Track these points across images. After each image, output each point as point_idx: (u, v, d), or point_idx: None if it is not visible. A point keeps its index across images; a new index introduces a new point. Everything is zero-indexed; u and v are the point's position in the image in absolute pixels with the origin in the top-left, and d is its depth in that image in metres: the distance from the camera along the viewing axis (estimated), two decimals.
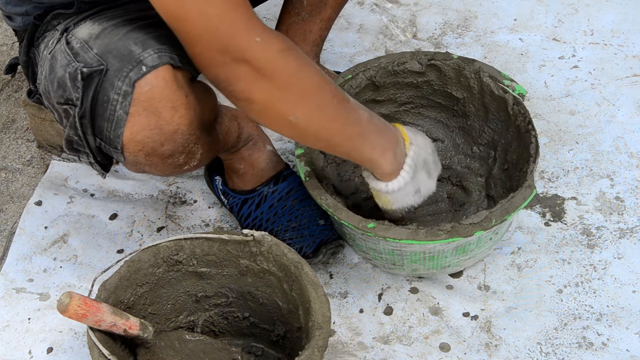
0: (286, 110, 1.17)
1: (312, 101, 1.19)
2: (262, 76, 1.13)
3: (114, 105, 1.17)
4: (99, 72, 1.18)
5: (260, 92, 1.14)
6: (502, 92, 1.50)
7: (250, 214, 1.55)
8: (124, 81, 1.17)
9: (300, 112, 1.18)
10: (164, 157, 1.23)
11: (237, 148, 1.52)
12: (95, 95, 1.18)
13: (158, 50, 1.19)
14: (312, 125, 1.21)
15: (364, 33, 1.98)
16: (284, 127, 1.21)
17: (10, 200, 1.72)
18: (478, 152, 1.59)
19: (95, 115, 1.20)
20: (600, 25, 1.94)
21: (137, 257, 1.32)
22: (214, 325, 1.41)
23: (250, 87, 1.14)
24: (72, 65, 1.20)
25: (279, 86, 1.15)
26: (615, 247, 1.53)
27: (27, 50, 1.37)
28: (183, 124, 1.20)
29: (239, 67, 1.12)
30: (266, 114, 1.18)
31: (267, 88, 1.14)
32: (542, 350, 1.40)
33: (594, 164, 1.67)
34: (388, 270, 1.51)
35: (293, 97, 1.17)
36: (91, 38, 1.22)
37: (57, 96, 1.23)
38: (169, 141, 1.21)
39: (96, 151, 1.25)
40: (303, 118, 1.18)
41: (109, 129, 1.19)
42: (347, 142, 1.26)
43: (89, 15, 1.28)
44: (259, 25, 1.14)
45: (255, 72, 1.12)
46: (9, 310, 1.51)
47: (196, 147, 1.26)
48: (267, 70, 1.13)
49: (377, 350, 1.42)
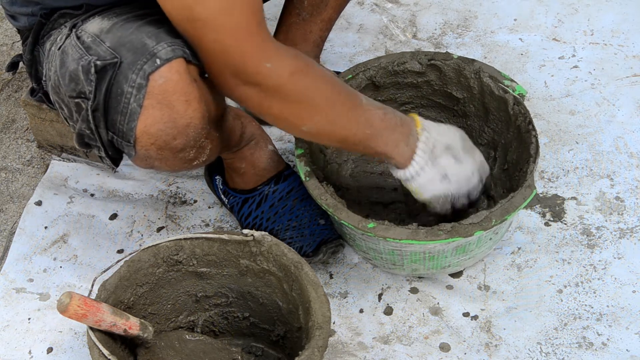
0: (297, 123, 1.27)
1: (323, 116, 1.27)
2: (271, 96, 1.22)
3: (127, 98, 1.17)
4: (113, 65, 1.18)
5: (271, 109, 1.24)
6: (502, 92, 1.50)
7: (250, 213, 1.55)
8: (138, 74, 1.16)
9: (312, 124, 1.27)
10: (175, 151, 1.23)
11: (239, 147, 1.52)
12: (109, 88, 1.18)
13: (171, 44, 1.19)
14: (324, 133, 1.29)
15: (364, 33, 1.98)
16: (298, 134, 1.36)
17: (10, 200, 1.72)
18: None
19: (108, 108, 1.19)
20: (600, 25, 1.94)
21: (137, 257, 1.32)
22: (214, 325, 1.41)
23: (261, 106, 1.23)
24: (84, 58, 1.20)
25: (288, 105, 1.24)
26: (615, 247, 1.53)
27: (32, 48, 1.37)
28: (196, 118, 1.21)
29: (250, 90, 1.21)
30: (279, 125, 1.29)
31: (277, 106, 1.23)
32: (542, 350, 1.40)
33: (594, 164, 1.67)
34: (388, 270, 1.51)
35: (303, 113, 1.26)
36: (102, 32, 1.22)
37: (69, 90, 1.22)
38: (182, 135, 1.21)
39: (108, 145, 1.24)
40: (315, 128, 1.27)
41: (122, 122, 1.19)
42: (360, 143, 1.31)
43: (97, 12, 1.28)
44: (271, 49, 1.20)
45: (264, 94, 1.21)
46: (9, 310, 1.51)
47: (206, 142, 1.27)
48: (277, 93, 1.22)
49: (377, 350, 1.42)
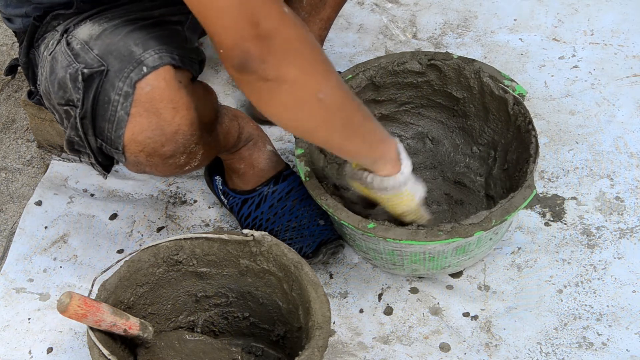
0: (315, 86, 1.11)
1: (334, 76, 1.14)
2: (292, 48, 1.07)
3: (114, 106, 1.17)
4: (100, 72, 1.18)
5: (292, 67, 1.07)
6: (502, 92, 1.50)
7: (250, 213, 1.55)
8: (124, 82, 1.17)
9: (328, 88, 1.12)
10: (165, 157, 1.23)
11: (237, 148, 1.52)
12: (96, 96, 1.18)
13: (159, 51, 1.18)
14: (337, 101, 1.15)
15: (364, 33, 1.98)
16: (312, 109, 1.13)
17: (10, 200, 1.72)
18: (478, 152, 1.59)
19: (96, 116, 1.20)
20: (600, 25, 1.94)
21: (137, 257, 1.32)
22: (214, 325, 1.41)
23: (281, 62, 1.06)
24: (72, 66, 1.20)
25: (308, 59, 1.09)
26: (615, 247, 1.53)
27: (27, 51, 1.37)
28: (184, 125, 1.20)
29: (271, 41, 1.05)
30: (295, 94, 1.10)
31: (298, 63, 1.08)
32: (542, 350, 1.40)
33: (594, 164, 1.67)
34: (388, 270, 1.51)
35: (320, 70, 1.12)
36: (91, 39, 1.22)
37: (57, 97, 1.23)
38: (170, 142, 1.21)
39: (97, 152, 1.25)
40: (330, 93, 1.13)
41: (110, 130, 1.19)
42: (366, 122, 1.21)
43: (89, 15, 1.28)
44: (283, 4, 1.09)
45: (286, 44, 1.06)
46: (9, 310, 1.51)
47: (197, 148, 1.26)
48: (297, 41, 1.08)
49: (377, 350, 1.42)
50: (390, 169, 1.28)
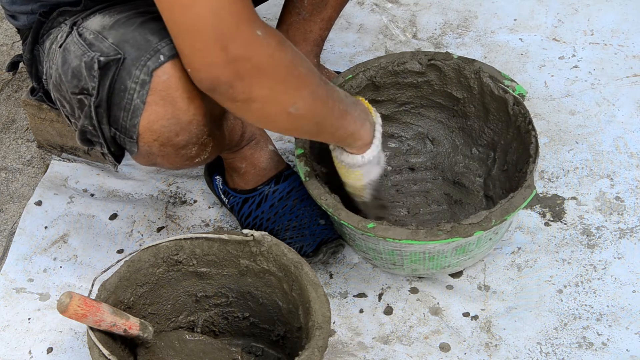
0: (286, 102, 1.16)
1: (308, 88, 1.19)
2: (263, 72, 1.11)
3: (131, 94, 1.17)
4: (116, 61, 1.18)
5: (261, 89, 1.13)
6: (502, 92, 1.50)
7: (250, 213, 1.55)
8: (141, 70, 1.16)
9: (300, 101, 1.17)
10: (178, 147, 1.23)
11: (240, 147, 1.52)
12: (112, 84, 1.18)
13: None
14: (309, 111, 1.20)
15: (364, 33, 1.98)
16: (281, 121, 1.19)
17: (10, 200, 1.72)
18: (477, 152, 1.59)
19: (111, 105, 1.19)
20: (600, 25, 1.94)
21: (137, 257, 1.32)
22: (214, 325, 1.41)
23: (251, 86, 1.12)
24: (87, 54, 1.20)
25: (279, 79, 1.14)
26: (615, 247, 1.53)
27: (32, 47, 1.37)
28: (199, 114, 1.21)
29: (240, 66, 1.10)
30: (265, 111, 1.16)
31: (267, 84, 1.13)
32: (542, 350, 1.40)
33: (594, 164, 1.67)
34: (388, 270, 1.51)
35: (292, 87, 1.16)
36: (105, 29, 1.22)
37: (71, 86, 1.22)
38: (185, 131, 1.21)
39: (110, 141, 1.24)
40: (302, 106, 1.18)
41: (125, 118, 1.19)
42: (337, 121, 1.27)
43: (97, 10, 1.28)
44: (258, 18, 1.12)
45: (256, 69, 1.11)
46: (9, 310, 1.51)
47: (208, 140, 1.27)
48: (268, 65, 1.12)
49: (377, 350, 1.42)
50: (355, 151, 1.35)
